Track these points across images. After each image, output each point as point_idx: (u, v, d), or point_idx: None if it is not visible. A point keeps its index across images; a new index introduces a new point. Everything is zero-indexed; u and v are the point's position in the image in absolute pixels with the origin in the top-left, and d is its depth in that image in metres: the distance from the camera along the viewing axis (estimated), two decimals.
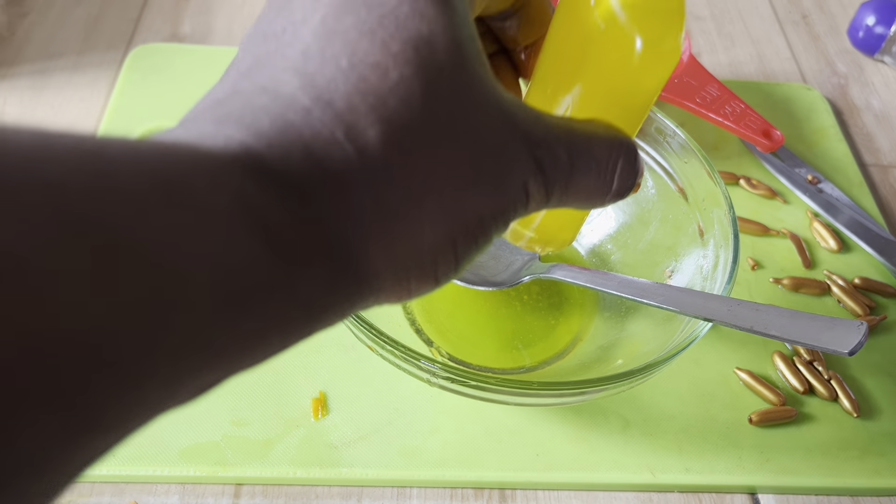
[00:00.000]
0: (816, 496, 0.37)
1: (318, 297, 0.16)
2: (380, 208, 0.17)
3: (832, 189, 0.50)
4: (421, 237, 0.18)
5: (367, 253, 0.17)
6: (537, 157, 0.19)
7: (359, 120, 0.17)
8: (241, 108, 0.17)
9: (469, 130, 0.18)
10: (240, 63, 0.19)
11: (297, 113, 0.17)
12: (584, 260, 0.43)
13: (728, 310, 0.31)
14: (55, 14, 0.58)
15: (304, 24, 0.18)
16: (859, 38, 0.62)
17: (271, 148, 0.16)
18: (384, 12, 0.18)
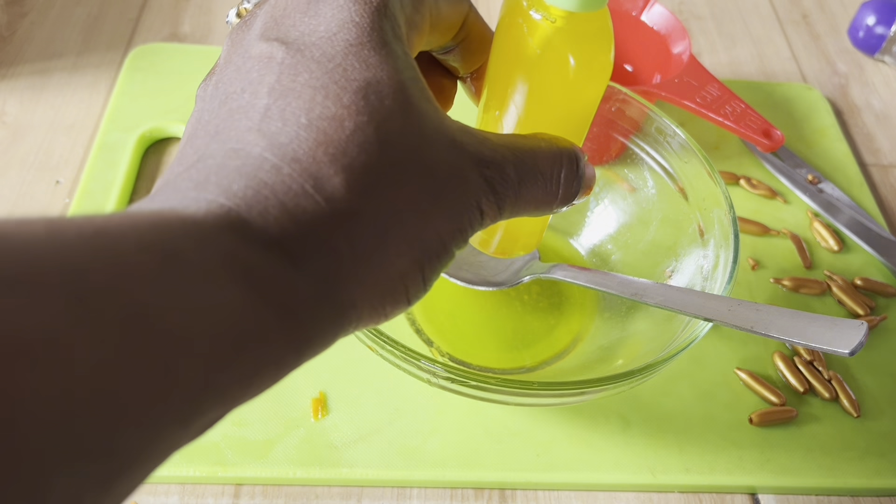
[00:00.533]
0: (817, 496, 0.37)
1: (305, 334, 0.18)
2: (352, 247, 0.19)
3: (832, 189, 0.50)
4: (391, 267, 0.20)
5: (346, 289, 0.19)
6: (487, 177, 0.21)
7: (323, 171, 0.18)
8: (216, 171, 0.18)
9: (423, 164, 0.20)
10: (206, 124, 0.20)
11: (268, 172, 0.18)
12: (585, 260, 0.43)
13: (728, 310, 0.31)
14: (55, 14, 0.57)
15: (261, 83, 0.20)
16: (860, 38, 0.62)
17: (250, 208, 0.18)
18: (333, 66, 0.19)
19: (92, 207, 0.44)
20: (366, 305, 0.20)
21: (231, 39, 0.23)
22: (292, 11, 0.21)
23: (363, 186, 0.19)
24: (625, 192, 0.43)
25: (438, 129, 0.21)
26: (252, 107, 0.19)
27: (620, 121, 0.41)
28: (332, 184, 0.18)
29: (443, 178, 0.20)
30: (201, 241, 0.16)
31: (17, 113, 0.50)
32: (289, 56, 0.20)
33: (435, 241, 0.20)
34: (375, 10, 0.21)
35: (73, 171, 0.47)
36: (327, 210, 0.18)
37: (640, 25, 0.52)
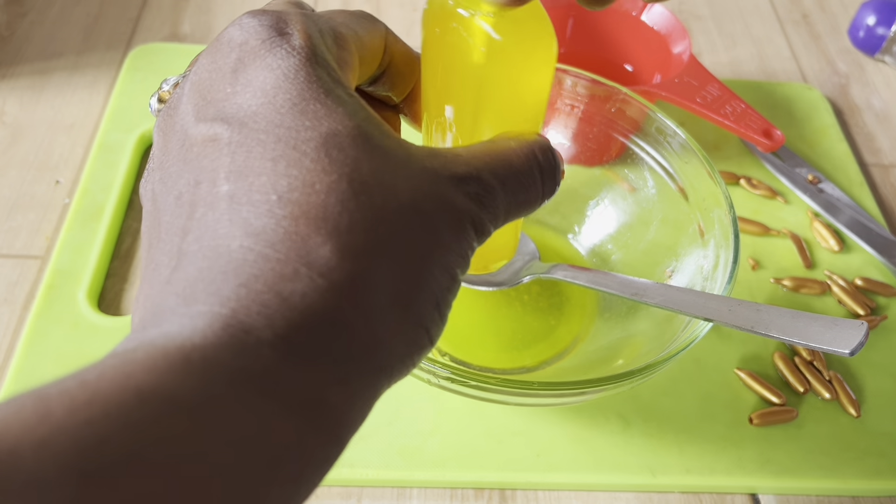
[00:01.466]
0: (817, 496, 0.37)
1: (340, 421, 0.17)
2: (363, 313, 0.18)
3: (833, 189, 0.50)
4: (408, 317, 0.19)
5: (370, 358, 0.18)
6: (471, 195, 0.21)
7: (310, 245, 0.17)
8: (201, 278, 0.17)
9: (406, 203, 0.19)
10: (168, 225, 0.19)
11: (254, 264, 0.17)
12: (585, 260, 0.43)
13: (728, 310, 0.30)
14: (55, 14, 0.57)
15: (215, 170, 0.18)
16: (860, 38, 0.61)
17: (248, 310, 0.16)
18: (283, 131, 0.18)
19: (92, 207, 0.44)
20: (394, 364, 0.19)
21: (161, 129, 0.21)
22: (219, 84, 0.20)
23: (355, 247, 0.18)
24: (625, 192, 0.43)
25: (408, 162, 0.20)
26: (214, 197, 0.18)
27: (620, 121, 0.41)
28: (322, 255, 0.17)
29: (430, 211, 0.19)
30: (206, 370, 0.15)
31: (17, 113, 0.50)
32: (234, 133, 0.18)
33: (441, 275, 0.20)
34: (306, 60, 0.19)
35: (72, 170, 0.47)
36: (326, 285, 0.17)
37: (640, 25, 0.52)
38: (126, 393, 0.14)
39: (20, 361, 0.37)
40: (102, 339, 0.39)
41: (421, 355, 0.20)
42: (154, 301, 0.18)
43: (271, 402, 0.16)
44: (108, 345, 0.38)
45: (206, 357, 0.15)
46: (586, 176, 0.44)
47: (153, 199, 0.21)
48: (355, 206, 0.18)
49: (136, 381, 0.14)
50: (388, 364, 0.18)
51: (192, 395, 0.15)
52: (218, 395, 0.15)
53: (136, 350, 0.15)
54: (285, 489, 0.16)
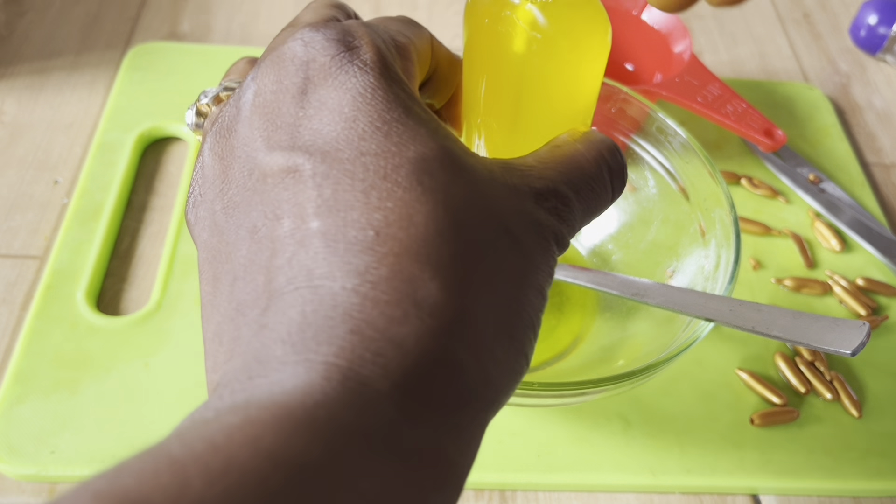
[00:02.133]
0: (818, 497, 0.37)
1: (460, 466, 0.17)
2: (474, 352, 0.17)
3: (834, 189, 0.50)
4: (512, 348, 0.18)
5: (483, 397, 0.17)
6: (550, 209, 0.20)
7: (416, 283, 0.16)
8: (307, 324, 0.16)
9: (499, 227, 0.18)
10: (246, 261, 0.18)
11: (361, 308, 0.16)
12: (585, 260, 0.43)
13: (730, 310, 0.30)
14: (53, 13, 0.57)
15: (301, 204, 0.17)
16: (861, 38, 0.61)
17: (363, 360, 0.16)
18: (370, 160, 0.17)
19: (90, 206, 0.44)
20: (500, 398, 0.18)
21: (216, 153, 0.20)
22: (287, 107, 0.18)
23: (459, 281, 0.17)
24: (626, 192, 0.42)
25: (492, 181, 0.19)
26: (304, 234, 0.17)
27: (621, 120, 0.41)
28: (429, 293, 0.16)
29: (520, 233, 0.18)
30: (332, 431, 0.15)
31: (16, 112, 0.50)
32: (318, 164, 0.17)
33: (536, 297, 0.19)
34: (380, 76, 0.18)
35: (71, 170, 0.47)
36: (437, 326, 0.16)
37: (640, 25, 0.52)
38: (258, 459, 0.13)
39: (19, 361, 0.37)
40: (101, 339, 0.38)
41: (520, 380, 0.19)
42: (250, 347, 0.17)
43: (393, 460, 0.15)
44: (107, 345, 0.38)
45: (330, 416, 0.15)
46: None
47: (215, 230, 0.19)
48: (454, 237, 0.17)
49: (266, 445, 0.14)
50: (494, 399, 0.18)
51: (322, 458, 0.14)
52: (345, 456, 0.14)
53: (255, 407, 0.15)
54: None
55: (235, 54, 0.54)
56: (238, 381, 0.16)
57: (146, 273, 0.42)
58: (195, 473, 0.13)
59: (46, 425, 0.35)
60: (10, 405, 0.36)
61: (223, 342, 0.18)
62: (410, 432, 0.15)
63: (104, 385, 0.37)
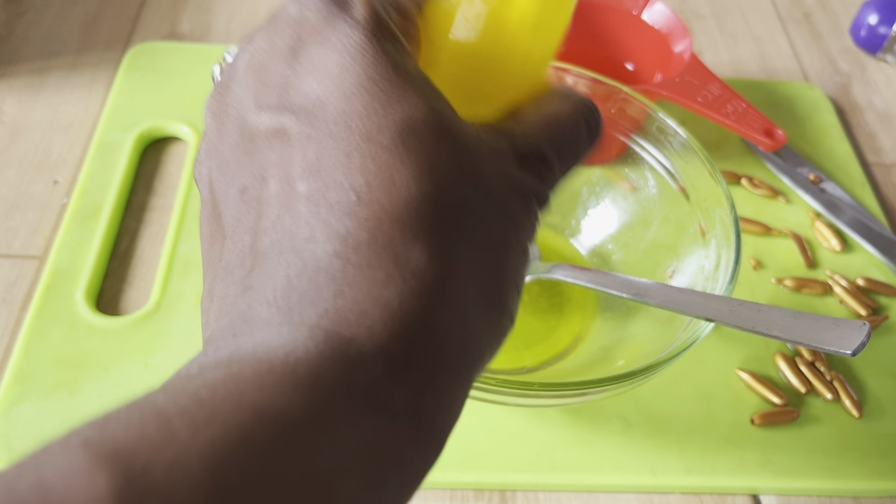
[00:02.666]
0: (818, 497, 0.37)
1: (442, 425, 0.17)
2: (457, 311, 0.17)
3: (834, 188, 0.50)
4: (496, 306, 0.18)
5: (465, 356, 0.17)
6: (532, 170, 0.20)
7: (397, 246, 0.16)
8: (292, 288, 0.16)
9: (482, 190, 0.18)
10: (235, 221, 0.18)
11: (344, 271, 0.16)
12: (585, 260, 0.43)
13: (730, 310, 0.30)
14: (53, 13, 0.57)
15: (286, 167, 0.17)
16: (861, 37, 0.61)
17: (347, 321, 0.16)
18: (356, 122, 0.17)
19: (90, 206, 0.44)
20: (484, 357, 0.18)
21: (213, 111, 0.20)
22: (277, 66, 0.18)
23: (441, 243, 0.17)
24: (626, 192, 0.42)
25: (478, 144, 0.19)
26: (289, 197, 0.17)
27: (621, 120, 0.41)
28: (414, 256, 0.16)
29: (503, 193, 0.19)
30: (314, 386, 0.15)
31: (16, 112, 0.50)
32: (304, 126, 0.17)
33: (518, 255, 0.19)
34: (371, 33, 0.18)
35: (71, 170, 0.47)
36: (420, 288, 0.16)
37: (640, 24, 0.52)
38: (242, 411, 0.14)
39: (18, 362, 0.37)
40: (100, 339, 0.38)
41: (504, 339, 0.19)
42: (237, 306, 0.17)
43: (375, 416, 0.15)
44: (106, 345, 0.38)
45: (311, 372, 0.15)
46: (587, 176, 0.44)
47: (210, 188, 0.20)
48: (437, 198, 0.17)
49: (249, 399, 0.14)
50: (478, 360, 0.18)
51: (302, 413, 0.15)
52: (327, 410, 0.15)
53: (238, 363, 0.15)
54: (392, 498, 0.16)
55: None
56: (223, 339, 0.16)
57: (146, 273, 0.42)
58: (180, 425, 0.13)
59: (46, 425, 0.35)
60: (10, 405, 0.36)
61: (214, 300, 0.18)
62: (392, 390, 0.16)
63: (104, 385, 0.37)
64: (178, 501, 0.13)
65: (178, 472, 0.13)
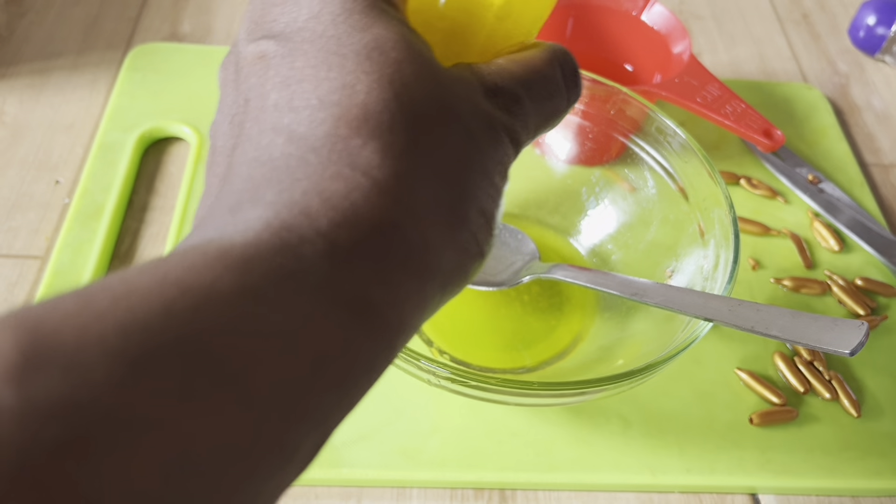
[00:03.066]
0: (817, 496, 0.37)
1: (390, 325, 0.17)
2: (411, 213, 0.17)
3: (833, 189, 0.50)
4: (456, 221, 0.19)
5: (421, 262, 0.18)
6: (502, 105, 0.20)
7: (351, 145, 0.17)
8: (245, 188, 0.17)
9: (446, 108, 0.19)
10: (220, 149, 0.20)
11: (297, 168, 0.17)
12: (585, 260, 0.43)
13: (729, 310, 0.30)
14: (54, 14, 0.57)
15: (263, 84, 0.19)
16: (860, 38, 0.61)
17: (291, 213, 0.16)
18: (326, 40, 0.18)
19: (91, 207, 0.44)
20: (445, 270, 0.19)
21: (223, 66, 0.22)
22: (269, 7, 0.20)
23: (397, 146, 0.18)
24: (625, 192, 0.43)
25: (445, 71, 0.20)
26: (260, 110, 0.18)
27: (621, 120, 0.41)
28: (364, 155, 0.17)
29: (467, 116, 0.19)
30: (246, 266, 0.15)
31: (17, 112, 0.50)
32: (280, 47, 0.19)
33: (482, 180, 0.19)
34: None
35: (72, 170, 0.47)
36: (369, 185, 0.17)
37: (640, 25, 0.52)
38: (165, 286, 0.14)
39: None
40: None
41: (473, 266, 0.20)
42: (200, 216, 0.18)
43: (312, 300, 0.15)
44: None
45: (245, 255, 0.15)
46: (586, 176, 0.44)
47: (213, 133, 0.21)
48: (396, 107, 0.18)
49: (175, 276, 0.14)
50: (437, 269, 0.18)
51: (230, 288, 0.15)
52: (256, 288, 0.15)
53: (174, 254, 0.15)
54: (330, 394, 0.16)
55: None
56: (181, 242, 0.17)
57: None
58: (100, 297, 0.13)
59: None
60: None
61: (192, 228, 0.19)
62: (334, 276, 0.16)
63: None
64: (85, 360, 0.12)
65: (91, 334, 0.13)
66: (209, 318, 0.14)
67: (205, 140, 0.48)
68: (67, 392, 0.12)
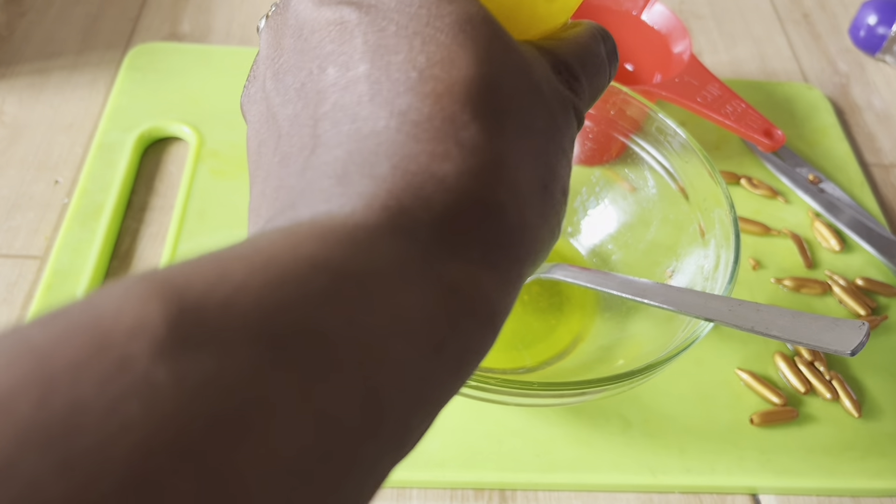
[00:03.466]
0: (818, 497, 0.37)
1: (495, 308, 0.17)
2: (513, 194, 0.17)
3: (833, 189, 0.50)
4: (547, 198, 0.19)
5: (521, 242, 0.18)
6: (565, 81, 0.20)
7: (457, 123, 0.17)
8: (352, 159, 0.17)
9: (532, 85, 0.19)
10: (293, 116, 0.19)
11: (404, 145, 0.17)
12: (585, 260, 0.43)
13: (729, 310, 0.30)
14: (54, 13, 0.57)
15: (347, 53, 0.18)
16: (860, 38, 0.61)
17: (405, 192, 0.16)
18: (415, 10, 0.18)
19: (91, 207, 0.44)
20: (537, 250, 0.18)
21: (272, 28, 0.20)
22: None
23: (498, 126, 0.17)
24: (625, 192, 0.42)
25: (524, 48, 0.19)
26: (349, 80, 0.18)
27: (621, 120, 0.41)
28: (470, 134, 0.17)
29: (548, 95, 0.19)
30: (372, 248, 0.15)
31: (16, 112, 0.50)
32: (363, 15, 0.18)
33: (563, 159, 0.19)
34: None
35: (72, 170, 0.47)
36: (478, 166, 0.17)
37: (640, 25, 0.52)
38: (299, 262, 0.14)
39: None
40: None
41: (552, 245, 0.20)
42: (295, 187, 0.17)
43: (431, 284, 0.15)
44: None
45: (370, 236, 0.15)
46: (586, 176, 0.44)
47: (266, 100, 0.20)
48: (493, 84, 0.17)
49: (307, 251, 0.14)
50: (532, 249, 0.18)
51: (361, 270, 0.14)
52: (384, 272, 0.15)
53: (298, 225, 0.15)
54: (447, 374, 0.16)
55: (235, 54, 0.54)
56: (282, 213, 0.17)
57: None
58: (238, 268, 0.13)
59: None
60: None
61: (266, 195, 0.18)
62: (450, 261, 0.16)
63: None
64: (228, 338, 0.12)
65: (233, 308, 0.13)
66: (341, 299, 0.14)
67: (204, 140, 0.48)
68: (215, 372, 0.12)
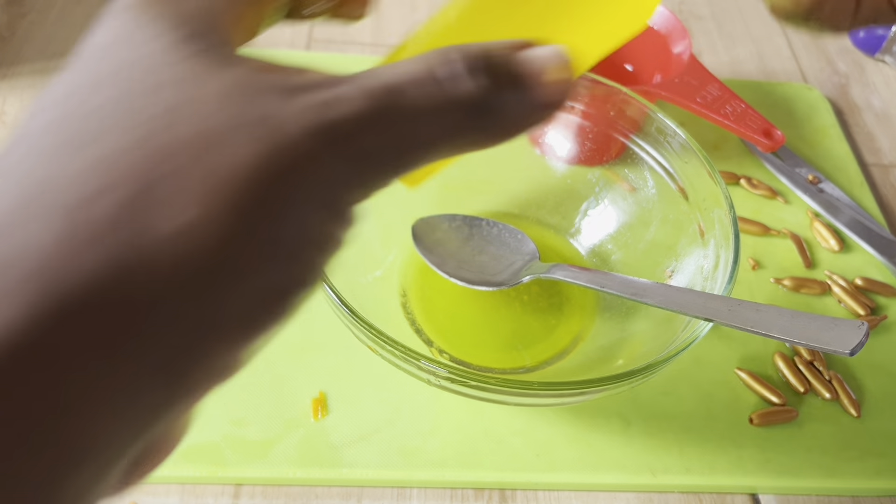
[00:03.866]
0: (817, 496, 0.37)
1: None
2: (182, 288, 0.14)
3: (833, 189, 0.50)
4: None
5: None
6: (342, 154, 0.16)
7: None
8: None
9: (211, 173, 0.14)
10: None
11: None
12: (585, 260, 0.43)
13: (729, 310, 0.30)
14: (55, 14, 0.57)
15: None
16: (860, 38, 0.61)
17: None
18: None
19: None
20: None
21: None
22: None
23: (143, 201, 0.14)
24: (625, 192, 0.43)
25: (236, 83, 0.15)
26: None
27: (620, 120, 0.41)
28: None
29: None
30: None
31: (17, 113, 0.50)
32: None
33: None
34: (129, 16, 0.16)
35: None
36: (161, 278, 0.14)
37: None
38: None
39: None
40: None
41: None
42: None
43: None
44: None
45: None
46: (586, 176, 0.44)
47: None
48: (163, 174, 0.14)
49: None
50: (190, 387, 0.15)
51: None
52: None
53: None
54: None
55: None
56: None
57: None
58: None
59: None
60: None
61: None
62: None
63: None
64: None
65: None
66: None
67: None
68: None
